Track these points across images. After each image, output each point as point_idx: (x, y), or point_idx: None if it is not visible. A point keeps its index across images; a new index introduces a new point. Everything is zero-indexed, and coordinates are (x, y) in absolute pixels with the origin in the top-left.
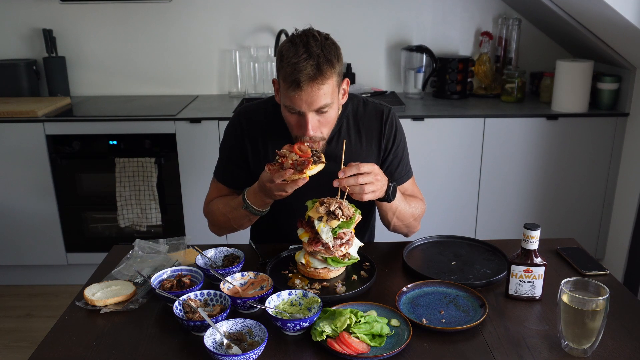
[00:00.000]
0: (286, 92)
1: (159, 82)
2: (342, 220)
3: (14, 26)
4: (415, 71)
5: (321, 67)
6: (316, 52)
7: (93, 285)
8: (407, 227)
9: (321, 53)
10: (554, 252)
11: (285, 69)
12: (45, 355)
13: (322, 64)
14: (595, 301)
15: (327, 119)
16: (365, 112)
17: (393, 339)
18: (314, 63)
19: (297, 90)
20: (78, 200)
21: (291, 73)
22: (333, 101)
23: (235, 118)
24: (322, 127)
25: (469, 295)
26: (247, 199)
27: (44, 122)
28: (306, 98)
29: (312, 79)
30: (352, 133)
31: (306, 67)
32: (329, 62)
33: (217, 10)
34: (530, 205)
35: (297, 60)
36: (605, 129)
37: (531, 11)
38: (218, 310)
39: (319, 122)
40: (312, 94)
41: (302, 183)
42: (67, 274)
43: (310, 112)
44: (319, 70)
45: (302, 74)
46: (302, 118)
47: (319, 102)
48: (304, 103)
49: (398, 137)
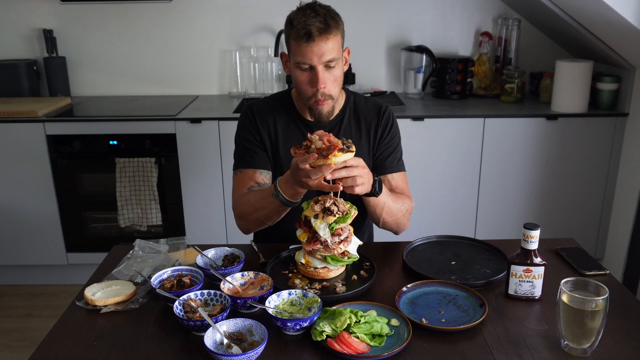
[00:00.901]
0: (298, 48)
1: (159, 82)
2: (338, 216)
3: (14, 26)
4: (415, 71)
5: (328, 22)
6: (322, 11)
7: (93, 285)
8: (396, 223)
9: (327, 12)
10: (554, 252)
11: (297, 26)
12: (45, 354)
13: (329, 20)
14: (595, 301)
15: (335, 76)
16: (365, 105)
17: (393, 338)
18: (322, 19)
19: (309, 41)
20: (78, 200)
21: (303, 27)
22: (339, 58)
23: (247, 108)
24: (331, 84)
25: (469, 295)
26: (279, 186)
27: (45, 122)
28: (317, 50)
29: (322, 31)
30: (352, 122)
31: (315, 21)
32: (334, 19)
33: (218, 11)
34: (530, 205)
35: (306, 17)
36: (604, 129)
37: (531, 11)
38: (218, 310)
39: (328, 78)
40: (322, 45)
41: (327, 171)
42: (68, 274)
43: (320, 65)
44: (326, 24)
45: (313, 26)
46: (314, 73)
47: (328, 54)
48: (315, 55)
49: (393, 131)
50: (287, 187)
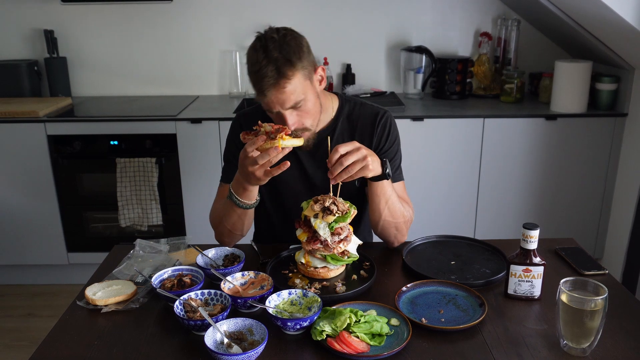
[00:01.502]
0: (258, 98)
1: (159, 82)
2: (338, 215)
3: (15, 27)
4: (415, 72)
5: (281, 70)
6: (274, 55)
7: (94, 284)
8: (395, 227)
9: (279, 56)
10: (553, 251)
11: (251, 77)
12: (46, 354)
13: (281, 67)
14: (594, 301)
15: (307, 111)
16: (361, 114)
17: (393, 338)
18: (274, 67)
19: (263, 97)
20: (79, 200)
21: (255, 82)
22: (306, 94)
23: (235, 121)
24: (304, 119)
25: (469, 295)
26: (232, 187)
27: (46, 123)
28: (276, 100)
29: (275, 84)
30: (345, 134)
31: (266, 73)
32: (289, 62)
33: (218, 11)
34: (529, 205)
35: (258, 68)
36: (603, 129)
37: (530, 12)
38: (218, 310)
39: (297, 116)
40: (279, 96)
41: (274, 154)
42: (68, 274)
43: (286, 110)
44: (279, 74)
45: (264, 82)
46: (281, 116)
47: (289, 101)
48: (276, 104)
49: (390, 139)
50: (238, 186)
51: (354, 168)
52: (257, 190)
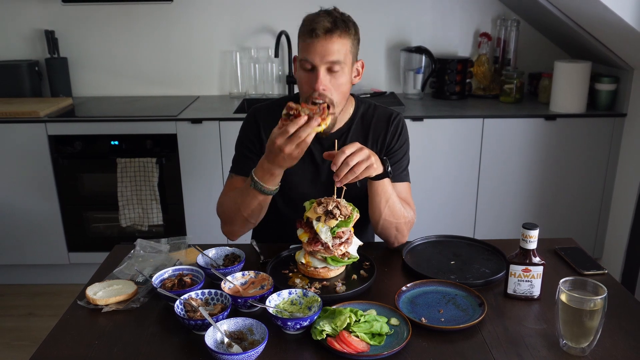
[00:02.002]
0: (303, 45)
1: (160, 82)
2: (341, 220)
3: (16, 27)
4: (415, 72)
5: (337, 24)
6: (335, 14)
7: (95, 284)
8: (396, 228)
9: (339, 16)
10: (553, 251)
11: (305, 24)
12: (47, 354)
13: (338, 22)
14: (593, 300)
15: (338, 82)
16: (375, 115)
17: (392, 337)
18: (331, 19)
19: (312, 38)
20: (80, 200)
21: (309, 24)
22: (345, 63)
23: (251, 113)
24: (333, 90)
25: (468, 295)
26: (255, 174)
27: (46, 123)
28: (320, 49)
29: (327, 30)
30: (359, 133)
31: (323, 20)
32: (345, 24)
33: (218, 12)
34: (529, 205)
35: (316, 16)
36: (603, 129)
37: (530, 13)
38: (219, 309)
39: (329, 82)
40: (326, 45)
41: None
42: (69, 273)
43: (322, 66)
44: (334, 26)
45: (319, 24)
46: (314, 74)
47: (331, 55)
48: (317, 55)
49: (401, 140)
50: (264, 173)
51: (359, 168)
52: (281, 174)
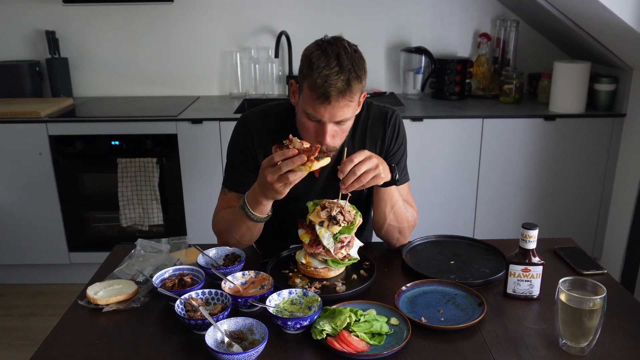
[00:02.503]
0: (312, 102)
1: (160, 83)
2: (344, 226)
3: (17, 28)
4: (415, 72)
5: (351, 83)
6: (347, 66)
7: (95, 284)
8: (399, 231)
9: (352, 68)
10: (552, 251)
11: (315, 79)
12: (48, 353)
13: (352, 80)
14: (593, 300)
15: (344, 130)
16: (369, 115)
17: (392, 337)
18: (345, 78)
19: (326, 103)
20: (80, 200)
21: (322, 85)
22: (352, 116)
23: (242, 123)
24: (338, 138)
25: (468, 294)
26: (247, 197)
27: (47, 123)
28: (332, 111)
29: (342, 95)
30: (356, 137)
31: (337, 81)
32: (358, 78)
33: (219, 12)
34: (528, 205)
35: (329, 72)
36: (602, 129)
37: (529, 13)
38: (219, 309)
39: (335, 132)
40: (339, 108)
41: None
42: (70, 273)
43: (330, 123)
44: (348, 86)
45: (333, 88)
46: (321, 127)
47: (343, 115)
48: (327, 115)
49: (399, 139)
50: (252, 198)
51: (366, 177)
52: (271, 204)
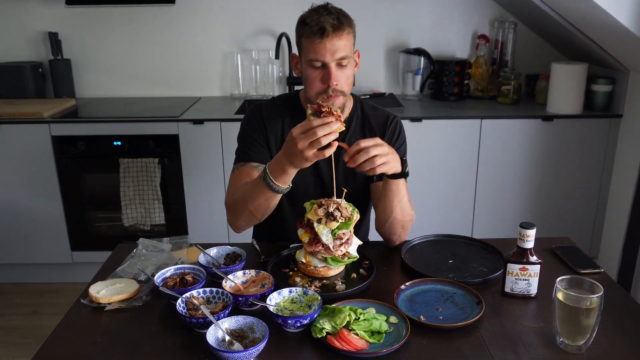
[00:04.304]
0: (311, 45)
1: (162, 84)
2: (341, 222)
3: (20, 29)
4: (414, 73)
5: (341, 20)
6: (335, 10)
7: (98, 283)
8: (402, 226)
9: (340, 11)
10: (550, 250)
11: (309, 24)
12: (51, 351)
13: (342, 18)
14: (590, 299)
15: (347, 75)
16: (373, 115)
17: (391, 335)
18: (335, 17)
19: (323, 37)
20: (83, 199)
21: (316, 23)
22: (351, 57)
23: (255, 108)
24: (343, 82)
25: (466, 293)
26: (268, 168)
27: (50, 124)
28: (330, 47)
29: (336, 28)
30: (357, 131)
31: (328, 19)
32: (347, 18)
33: (220, 14)
34: (526, 204)
35: (319, 15)
36: (599, 130)
37: (527, 15)
38: (220, 308)
39: (340, 76)
40: (336, 42)
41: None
42: (73, 272)
43: (333, 62)
44: (340, 22)
45: (327, 23)
46: (326, 71)
47: (341, 51)
48: (328, 52)
49: (399, 142)
50: (277, 168)
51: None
52: (294, 175)
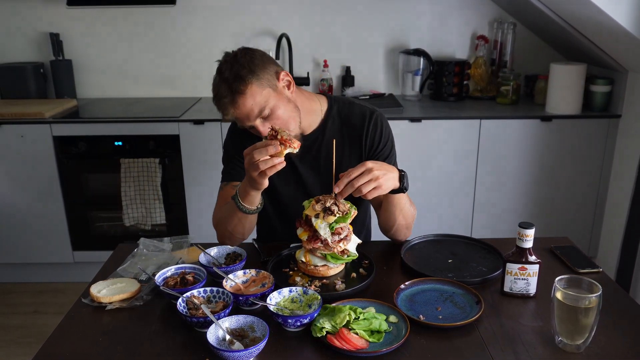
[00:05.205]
0: (226, 120)
1: (163, 84)
2: (339, 216)
3: (22, 30)
4: (413, 74)
5: (232, 87)
6: (225, 75)
7: (99, 282)
8: (406, 227)
9: (229, 75)
10: (548, 250)
11: (214, 97)
12: (52, 350)
13: (232, 84)
14: (588, 298)
15: (279, 117)
16: (350, 113)
17: (391, 335)
18: (227, 86)
19: (227, 115)
20: (84, 199)
21: (217, 106)
22: (269, 102)
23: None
24: (281, 125)
25: (465, 293)
26: (238, 189)
27: (51, 124)
28: (239, 116)
29: (231, 102)
30: (336, 133)
31: (222, 94)
32: (239, 77)
33: (220, 15)
34: (525, 204)
35: (216, 92)
36: (598, 130)
37: (526, 15)
38: (221, 307)
39: (272, 123)
40: (240, 112)
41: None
42: (74, 272)
43: (255, 121)
44: (232, 91)
45: (222, 103)
46: (255, 129)
47: (252, 113)
48: (242, 120)
49: (384, 138)
50: (242, 189)
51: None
52: (259, 196)
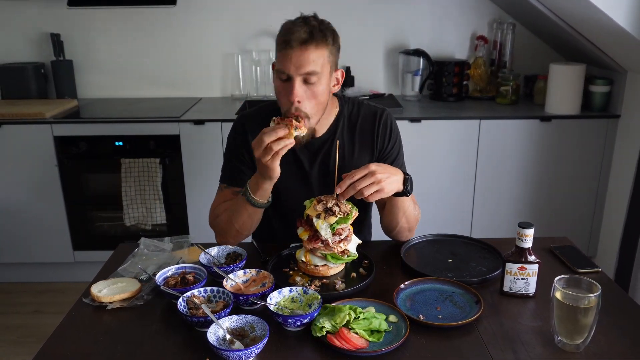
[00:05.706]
0: (279, 54)
1: (163, 84)
2: (340, 217)
3: (22, 30)
4: (413, 74)
5: (314, 34)
6: (312, 23)
7: (99, 282)
8: (409, 229)
9: (317, 25)
10: (548, 250)
11: (281, 32)
12: (53, 350)
13: (315, 33)
14: (588, 298)
15: (314, 92)
16: (360, 114)
17: (391, 334)
18: (308, 30)
19: (287, 48)
20: (85, 199)
21: (284, 34)
22: (322, 73)
23: (238, 120)
24: (309, 100)
25: (465, 292)
26: (249, 184)
27: (52, 124)
28: (295, 60)
29: (303, 42)
30: (345, 135)
31: (299, 30)
32: (323, 34)
33: (220, 15)
34: (525, 204)
35: (292, 25)
36: (597, 130)
37: (525, 16)
38: (221, 307)
39: (305, 92)
40: (301, 56)
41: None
42: (74, 272)
43: (297, 76)
44: (311, 36)
45: (294, 35)
46: (290, 84)
47: (307, 66)
48: (292, 65)
49: (393, 138)
50: (253, 182)
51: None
52: (270, 188)
